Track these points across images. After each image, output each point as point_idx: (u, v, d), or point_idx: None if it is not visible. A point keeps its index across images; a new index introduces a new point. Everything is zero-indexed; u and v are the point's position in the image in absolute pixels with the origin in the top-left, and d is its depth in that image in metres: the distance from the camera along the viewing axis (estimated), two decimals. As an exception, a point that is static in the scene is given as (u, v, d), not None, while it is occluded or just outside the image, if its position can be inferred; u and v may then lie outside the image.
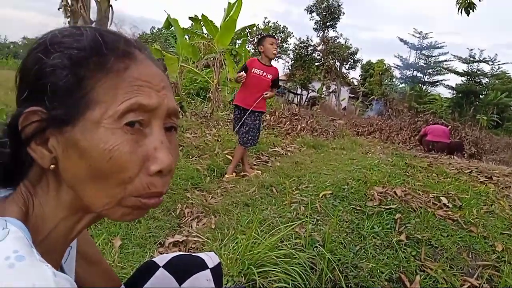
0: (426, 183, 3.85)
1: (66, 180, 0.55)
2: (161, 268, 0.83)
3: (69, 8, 5.11)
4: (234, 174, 3.75)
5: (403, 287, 2.56)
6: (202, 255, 0.88)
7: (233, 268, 2.13)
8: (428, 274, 2.61)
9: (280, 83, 4.19)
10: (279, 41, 30.51)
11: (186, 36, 11.61)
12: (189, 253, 0.91)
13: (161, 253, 2.37)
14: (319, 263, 2.45)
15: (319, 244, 2.57)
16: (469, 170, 4.62)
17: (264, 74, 3.90)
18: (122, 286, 0.85)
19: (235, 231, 2.61)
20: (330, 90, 23.60)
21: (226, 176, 3.69)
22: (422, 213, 3.12)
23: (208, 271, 0.84)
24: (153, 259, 0.87)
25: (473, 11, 6.61)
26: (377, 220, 2.99)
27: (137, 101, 0.53)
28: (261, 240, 2.38)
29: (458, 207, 3.33)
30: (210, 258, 0.87)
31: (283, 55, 30.46)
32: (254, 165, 4.22)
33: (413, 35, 24.54)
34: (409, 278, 2.60)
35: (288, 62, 29.31)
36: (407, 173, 4.12)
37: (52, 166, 0.54)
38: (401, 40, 24.75)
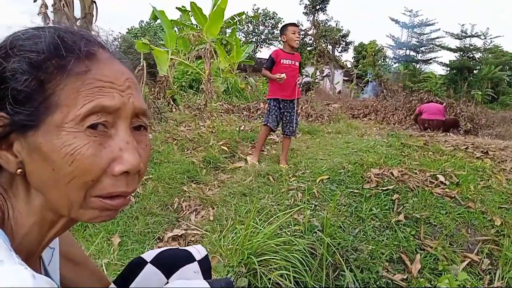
0: (423, 162, 3.85)
1: (33, 184, 0.55)
2: (148, 263, 0.83)
3: (47, 14, 5.03)
4: (287, 165, 3.76)
5: (404, 267, 2.57)
6: (189, 248, 0.87)
7: (233, 258, 2.13)
8: (428, 252, 2.63)
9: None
10: (270, 27, 30.32)
11: (176, 28, 11.51)
12: (176, 247, 0.90)
13: (160, 248, 2.37)
14: (319, 248, 2.45)
15: (318, 230, 2.57)
16: (465, 146, 4.62)
17: (293, 62, 3.92)
18: (112, 284, 0.84)
19: (233, 221, 2.61)
20: (324, 74, 23.48)
21: (281, 165, 3.72)
22: (420, 192, 3.13)
23: (195, 263, 0.84)
24: (141, 255, 0.86)
25: None
26: (375, 202, 3.00)
27: (98, 103, 0.52)
28: (260, 229, 2.38)
29: (455, 184, 3.34)
30: (198, 251, 0.87)
31: (274, 41, 30.27)
32: (249, 153, 4.21)
33: (404, 13, 24.44)
34: (410, 258, 2.61)
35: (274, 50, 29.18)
36: (403, 153, 4.12)
37: (19, 170, 0.53)
38: (392, 19, 24.65)
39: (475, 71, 22.29)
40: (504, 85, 22.12)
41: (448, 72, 23.44)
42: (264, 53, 30.57)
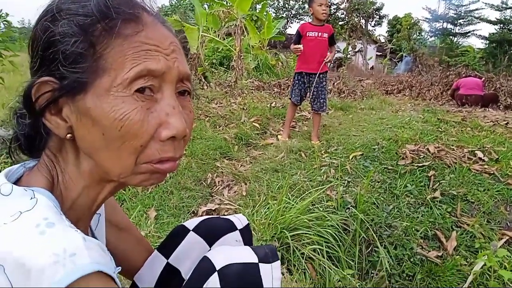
0: (460, 138, 3.73)
1: (83, 149, 0.56)
2: (191, 231, 0.84)
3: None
4: (319, 141, 3.75)
5: (439, 244, 2.53)
6: (230, 217, 0.88)
7: (266, 232, 2.16)
8: (464, 229, 2.58)
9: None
10: (301, 2, 29.67)
11: (206, 5, 11.44)
12: (218, 216, 0.91)
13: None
14: (352, 224, 2.45)
15: (351, 206, 2.56)
16: (505, 122, 4.44)
17: (320, 34, 3.82)
18: (156, 251, 0.87)
19: (266, 197, 2.63)
20: (356, 50, 22.85)
21: (313, 142, 3.72)
22: (457, 169, 3.05)
23: (237, 232, 0.85)
24: (183, 223, 0.88)
25: None
26: (410, 179, 2.95)
27: (145, 66, 0.52)
28: (292, 204, 2.40)
29: (495, 161, 3.23)
30: (239, 220, 0.88)
31: (305, 16, 29.64)
32: (280, 130, 4.20)
33: (442, -16, 23.31)
34: (445, 235, 2.57)
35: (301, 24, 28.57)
36: (440, 129, 4.00)
37: (69, 135, 0.55)
38: (429, -10, 23.54)
39: (516, 44, 21.15)
40: (548, 58, 20.92)
41: (487, 45, 22.32)
42: (294, 28, 30.05)
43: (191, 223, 0.86)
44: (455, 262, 2.34)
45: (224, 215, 2.56)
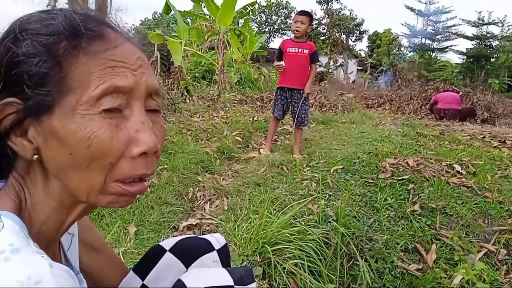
0: (439, 151, 3.80)
1: (50, 170, 0.55)
2: (167, 252, 0.83)
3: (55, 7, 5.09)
4: (300, 155, 3.77)
5: (419, 257, 2.56)
6: (207, 237, 0.87)
7: (248, 247, 2.14)
8: (444, 242, 2.61)
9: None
10: (283, 17, 30.07)
11: (189, 19, 11.49)
12: (195, 235, 0.90)
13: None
14: (333, 238, 2.45)
15: (332, 219, 2.57)
16: (482, 136, 4.55)
17: (300, 50, 3.87)
18: (131, 272, 0.85)
19: (247, 211, 2.62)
20: (338, 64, 23.23)
21: (295, 156, 3.73)
22: (436, 182, 3.10)
23: (214, 252, 0.84)
24: (160, 243, 0.86)
25: None
26: (390, 192, 2.98)
27: (112, 83, 0.52)
28: (274, 219, 2.39)
29: (472, 174, 3.29)
30: (217, 240, 0.87)
31: (287, 31, 30.03)
32: (262, 144, 4.21)
33: (420, 1, 23.94)
34: (425, 248, 2.59)
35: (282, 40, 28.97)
36: (419, 143, 4.08)
37: (35, 156, 0.53)
38: (408, 7, 24.16)
39: (492, 60, 21.77)
40: (522, 74, 21.58)
41: (464, 60, 22.94)
42: (277, 43, 30.37)
43: (167, 243, 0.85)
44: (435, 275, 2.36)
45: (206, 230, 2.55)
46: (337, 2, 25.07)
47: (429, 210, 2.84)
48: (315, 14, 25.22)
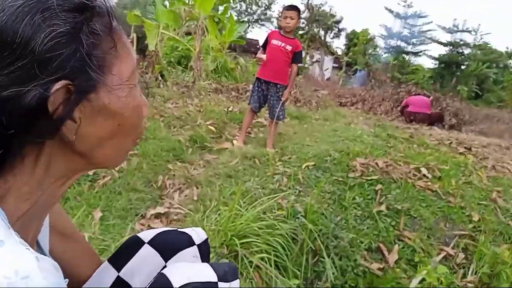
0: (407, 154, 3.90)
1: (82, 146, 0.54)
2: (146, 244, 0.81)
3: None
4: (273, 149, 3.76)
5: (381, 257, 2.62)
6: (188, 230, 0.85)
7: (216, 239, 2.14)
8: (406, 243, 2.68)
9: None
10: (263, 8, 29.91)
11: (167, 2, 11.23)
12: (175, 228, 0.88)
13: (142, 225, 2.36)
14: (300, 233, 2.47)
15: (301, 215, 2.59)
16: (449, 141, 4.70)
17: (283, 45, 3.83)
18: (106, 262, 0.82)
19: (217, 202, 2.61)
20: (314, 60, 23.36)
21: (267, 150, 3.72)
22: (403, 184, 3.18)
23: (195, 247, 0.82)
24: (138, 234, 0.84)
25: None
26: (358, 191, 3.03)
27: (134, 59, 0.58)
28: (243, 212, 2.39)
29: (438, 178, 3.40)
30: (197, 234, 0.85)
31: (266, 22, 29.91)
32: (236, 135, 4.19)
33: (399, 3, 24.36)
34: (388, 248, 2.66)
35: (271, 30, 28.89)
36: (389, 144, 4.16)
37: (74, 136, 0.52)
38: (387, 8, 24.54)
39: (462, 67, 22.46)
40: (490, 83, 22.36)
41: (436, 66, 23.56)
42: (255, 33, 30.25)
43: (146, 235, 0.83)
44: (395, 275, 2.43)
45: (173, 219, 2.52)
46: (318, -2, 25.16)
47: (394, 211, 2.91)
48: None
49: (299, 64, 4.06)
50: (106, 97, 0.53)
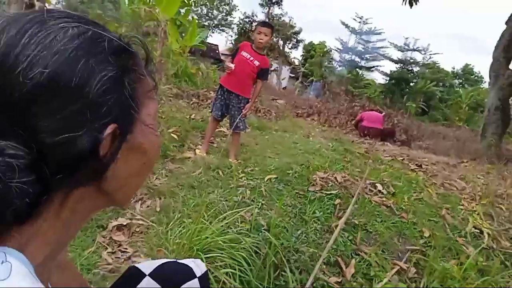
0: (363, 169, 4.04)
1: (112, 185, 0.53)
2: (147, 276, 0.80)
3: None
4: (236, 160, 3.77)
5: (339, 270, 2.71)
6: (188, 262, 0.85)
7: (181, 253, 2.12)
8: (362, 257, 2.78)
9: (222, 57, 4.20)
10: (224, 13, 29.95)
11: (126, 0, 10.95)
12: (174, 260, 0.88)
13: (104, 237, 2.30)
14: (263, 247, 2.51)
15: (264, 229, 2.63)
16: (402, 158, 4.93)
17: (251, 59, 3.87)
18: None
19: (181, 214, 2.59)
20: (272, 69, 23.70)
21: (230, 160, 3.73)
22: (360, 199, 3.29)
23: (196, 280, 0.82)
24: (137, 265, 0.82)
25: (416, 3, 6.94)
26: (318, 205, 3.11)
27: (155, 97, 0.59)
28: (208, 225, 2.39)
29: (392, 194, 3.56)
30: (198, 266, 0.85)
31: (226, 29, 29.98)
32: (199, 144, 4.17)
33: (354, 19, 25.27)
34: (345, 262, 2.75)
35: (231, 36, 28.92)
36: (346, 159, 4.31)
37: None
38: (343, 23, 25.39)
39: (411, 84, 23.67)
40: (436, 100, 23.72)
41: (387, 81, 24.66)
42: (215, 38, 30.18)
43: (146, 267, 0.82)
44: (352, 288, 2.52)
45: (136, 231, 2.47)
46: (279, 8, 25.60)
47: (352, 226, 3.01)
48: (256, 16, 25.53)
49: (264, 81, 4.13)
50: (140, 136, 0.54)
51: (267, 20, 24.31)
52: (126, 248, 2.21)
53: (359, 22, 25.28)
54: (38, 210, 0.48)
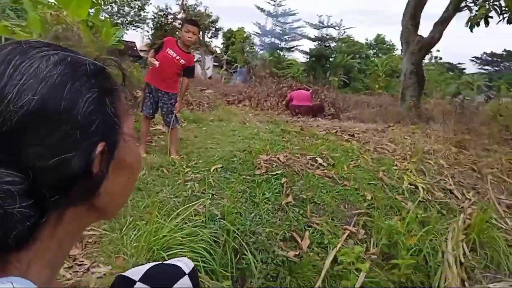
0: (302, 146, 4.21)
1: (101, 202, 0.54)
2: (138, 282, 0.79)
3: None
4: (178, 156, 3.72)
5: (295, 244, 2.83)
6: (175, 262, 0.86)
7: (141, 256, 2.10)
8: (315, 229, 2.93)
9: (141, 53, 4.10)
10: (136, 9, 28.89)
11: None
12: (160, 262, 0.88)
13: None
14: (221, 235, 2.55)
15: (218, 218, 2.66)
16: (335, 130, 5.18)
17: (177, 57, 3.81)
18: None
19: (133, 218, 2.54)
20: (195, 60, 23.42)
21: (173, 157, 3.67)
22: (304, 175, 3.44)
23: (186, 277, 0.84)
24: (124, 274, 0.81)
25: (486, 25, 7.23)
26: (266, 187, 3.21)
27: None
28: (163, 224, 2.37)
29: (332, 165, 3.75)
30: (185, 264, 0.86)
31: (141, 24, 28.96)
32: (136, 145, 4.07)
33: (269, 2, 25.59)
34: (300, 235, 2.88)
35: (148, 32, 28.00)
36: (285, 139, 4.45)
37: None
38: (258, 7, 25.62)
39: (331, 59, 24.61)
40: (355, 72, 24.92)
41: (308, 59, 25.40)
42: (130, 35, 29.11)
43: (134, 273, 0.81)
44: (310, 258, 2.65)
45: (89, 242, 2.39)
46: (193, -2, 25.17)
47: (301, 201, 3.15)
48: (170, 9, 24.94)
49: (190, 78, 4.12)
50: (123, 151, 0.55)
51: (181, 11, 23.91)
52: (82, 261, 2.14)
53: (274, 4, 25.65)
54: (35, 233, 0.48)
